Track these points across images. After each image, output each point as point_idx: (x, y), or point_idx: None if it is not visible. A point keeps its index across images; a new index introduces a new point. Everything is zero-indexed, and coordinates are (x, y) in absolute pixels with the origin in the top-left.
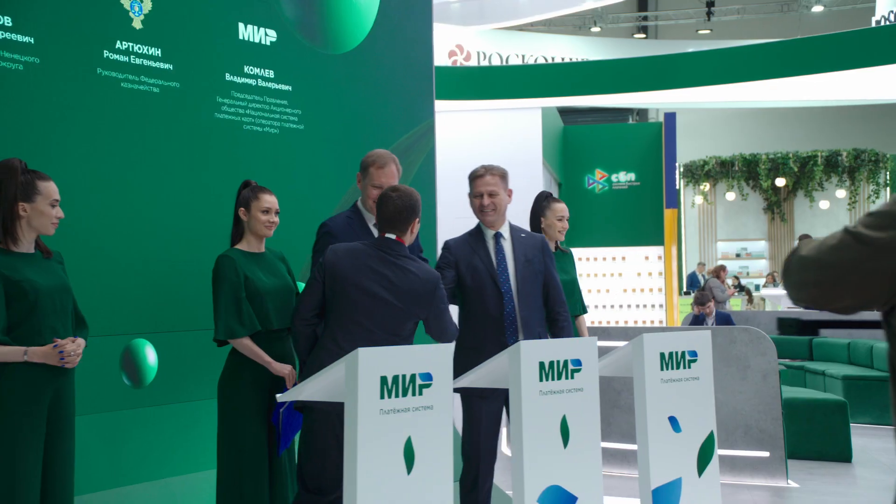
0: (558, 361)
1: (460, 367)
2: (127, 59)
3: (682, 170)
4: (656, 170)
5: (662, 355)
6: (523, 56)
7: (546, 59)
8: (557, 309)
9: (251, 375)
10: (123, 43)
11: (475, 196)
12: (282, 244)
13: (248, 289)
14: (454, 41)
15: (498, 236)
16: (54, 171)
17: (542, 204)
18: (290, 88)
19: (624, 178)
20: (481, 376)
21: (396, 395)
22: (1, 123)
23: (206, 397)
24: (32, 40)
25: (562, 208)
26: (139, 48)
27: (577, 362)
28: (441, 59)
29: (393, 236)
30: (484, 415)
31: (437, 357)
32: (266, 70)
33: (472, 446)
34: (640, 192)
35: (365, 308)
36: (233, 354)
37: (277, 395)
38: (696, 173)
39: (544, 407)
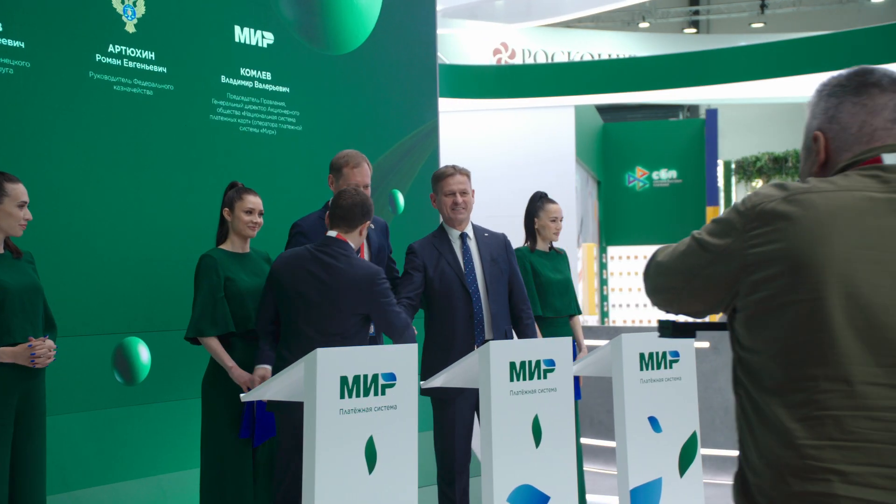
0: (530, 362)
1: (431, 368)
2: (119, 62)
3: (733, 166)
4: (698, 167)
5: (642, 355)
6: (569, 53)
7: (593, 56)
8: (521, 307)
9: None
10: (116, 46)
11: (447, 195)
12: (279, 246)
13: (229, 289)
14: (499, 39)
15: (464, 236)
16: (47, 174)
17: (536, 205)
18: (288, 90)
19: (665, 175)
20: (452, 377)
21: (357, 395)
22: None
23: (198, 396)
24: (23, 44)
25: (556, 209)
26: (132, 51)
27: (551, 362)
28: (485, 57)
29: (334, 233)
30: (457, 415)
31: (400, 357)
32: (263, 72)
33: (446, 447)
34: (682, 189)
35: (304, 313)
36: None
37: (241, 395)
38: (747, 170)
39: (515, 407)
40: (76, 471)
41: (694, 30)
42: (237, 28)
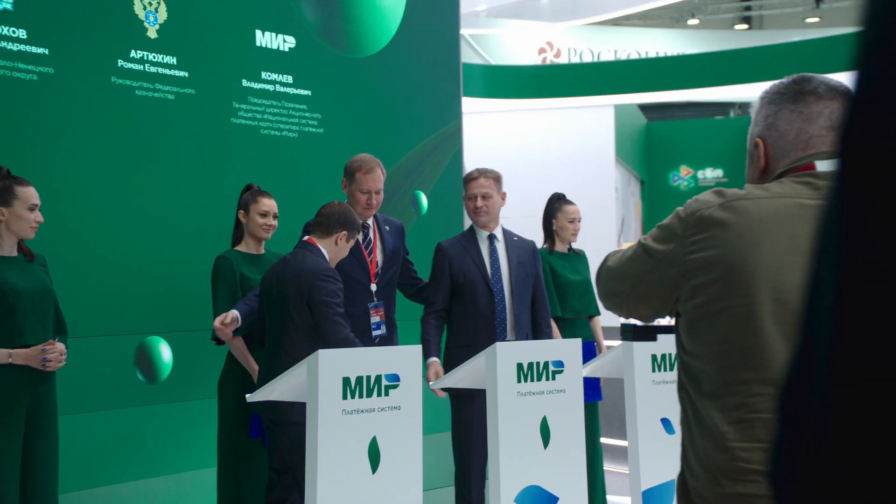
0: (538, 363)
1: (451, 366)
2: (141, 67)
3: None
4: (745, 166)
5: (654, 357)
6: (615, 51)
7: (640, 55)
8: (542, 313)
9: (247, 373)
10: (138, 52)
11: (469, 198)
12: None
13: (244, 289)
14: (544, 38)
15: (492, 238)
16: (71, 178)
17: (553, 206)
18: (310, 93)
19: (711, 174)
20: (462, 377)
21: (360, 396)
22: (16, 132)
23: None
24: (47, 51)
25: (573, 210)
26: (154, 56)
27: (559, 364)
28: (530, 57)
29: (307, 238)
30: (475, 414)
31: (404, 358)
32: (284, 75)
33: (462, 446)
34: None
35: (269, 313)
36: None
37: (247, 396)
38: None
39: (523, 408)
40: (99, 468)
41: (745, 26)
42: (258, 32)
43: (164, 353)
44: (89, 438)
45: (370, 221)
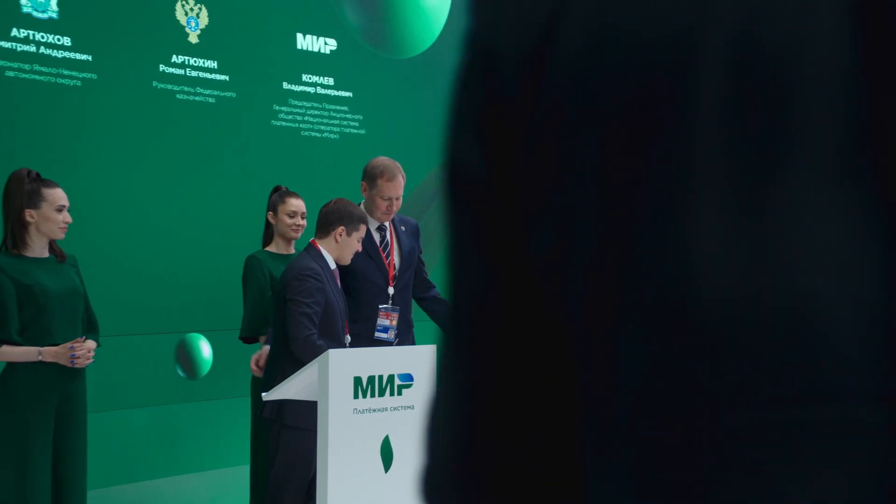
0: None
1: None
2: (183, 72)
3: None
4: None
5: None
6: None
7: None
8: None
9: None
10: (179, 57)
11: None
12: None
13: (274, 288)
14: None
15: None
16: (115, 181)
17: None
18: (351, 95)
19: None
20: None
21: (372, 395)
22: (61, 137)
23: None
24: (90, 58)
25: None
26: (195, 61)
27: None
28: None
29: (311, 240)
30: None
31: (418, 358)
32: (325, 78)
33: None
34: None
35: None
36: None
37: (263, 395)
38: None
39: None
40: (136, 464)
41: None
42: (299, 36)
43: (204, 349)
44: (126, 434)
45: (387, 224)
